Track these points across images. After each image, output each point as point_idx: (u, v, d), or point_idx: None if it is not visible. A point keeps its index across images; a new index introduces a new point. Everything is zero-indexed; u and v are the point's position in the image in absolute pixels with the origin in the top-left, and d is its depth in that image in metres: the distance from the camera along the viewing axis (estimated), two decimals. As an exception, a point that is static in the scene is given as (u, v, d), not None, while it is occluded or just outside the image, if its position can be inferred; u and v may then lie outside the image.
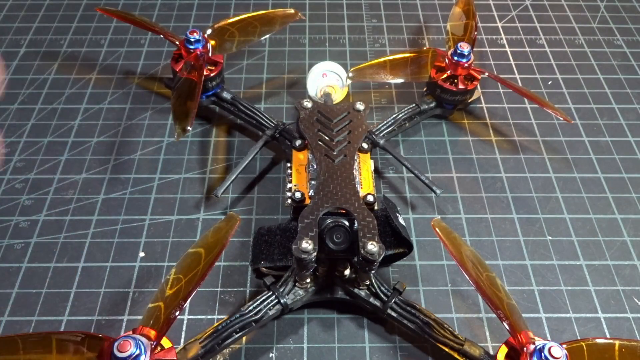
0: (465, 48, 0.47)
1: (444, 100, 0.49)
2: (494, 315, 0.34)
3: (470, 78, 0.48)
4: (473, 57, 0.47)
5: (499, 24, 0.61)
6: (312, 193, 0.37)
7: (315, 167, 0.38)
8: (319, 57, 0.56)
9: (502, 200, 0.45)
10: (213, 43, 0.48)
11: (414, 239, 0.42)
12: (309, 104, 0.42)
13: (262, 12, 0.52)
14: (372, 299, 0.36)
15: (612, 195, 0.45)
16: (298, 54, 0.57)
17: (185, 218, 0.43)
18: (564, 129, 0.50)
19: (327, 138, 0.39)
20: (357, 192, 0.36)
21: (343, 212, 0.35)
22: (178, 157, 0.47)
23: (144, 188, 0.45)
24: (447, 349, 0.34)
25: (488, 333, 0.37)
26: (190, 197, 0.44)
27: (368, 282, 0.36)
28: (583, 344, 0.31)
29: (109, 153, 0.47)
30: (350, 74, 0.48)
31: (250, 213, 0.43)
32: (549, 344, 0.29)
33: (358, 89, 0.53)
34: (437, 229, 0.34)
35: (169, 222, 0.43)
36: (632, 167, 0.47)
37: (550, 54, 0.58)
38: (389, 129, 0.46)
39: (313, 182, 0.38)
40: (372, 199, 0.37)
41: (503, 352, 0.31)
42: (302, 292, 0.36)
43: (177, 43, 0.47)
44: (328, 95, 0.47)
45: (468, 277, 0.32)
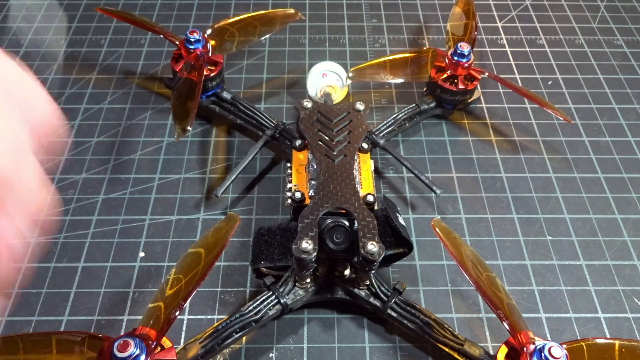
0: (465, 48, 0.47)
1: (444, 100, 0.49)
2: (494, 315, 0.34)
3: (470, 78, 0.48)
4: (473, 57, 0.47)
5: (499, 24, 0.61)
6: (312, 193, 0.37)
7: (315, 167, 0.38)
8: (319, 57, 0.56)
9: (502, 200, 0.45)
10: (213, 43, 0.48)
11: (414, 239, 0.42)
12: (309, 104, 0.42)
13: (262, 12, 0.52)
14: (372, 299, 0.36)
15: (612, 195, 0.45)
16: (298, 54, 0.57)
17: (185, 218, 0.43)
18: (564, 129, 0.50)
19: (327, 138, 0.39)
20: (357, 192, 0.36)
21: (343, 212, 0.35)
22: (178, 157, 0.47)
23: (144, 188, 0.45)
24: (447, 349, 0.34)
25: (488, 333, 0.37)
26: (190, 197, 0.44)
27: (368, 282, 0.36)
28: (583, 344, 0.31)
29: (109, 153, 0.47)
30: (350, 74, 0.48)
31: (250, 213, 0.43)
32: (549, 344, 0.29)
33: (358, 89, 0.53)
34: (437, 229, 0.34)
35: (169, 222, 0.43)
36: (632, 167, 0.47)
37: (550, 54, 0.58)
38: (389, 129, 0.46)
39: (313, 182, 0.38)
40: (372, 199, 0.37)
41: (503, 352, 0.31)
42: (302, 292, 0.36)
43: (177, 43, 0.47)
44: (328, 95, 0.47)
45: (468, 277, 0.32)
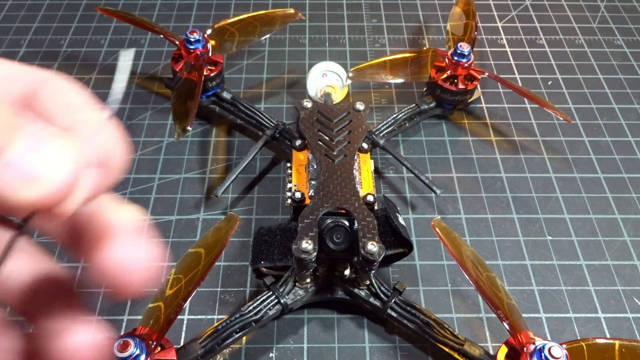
0: (465, 48, 0.47)
1: (444, 100, 0.49)
2: (494, 315, 0.34)
3: (470, 78, 0.48)
4: (473, 57, 0.47)
5: (499, 24, 0.61)
6: (312, 193, 0.37)
7: (315, 167, 0.38)
8: (319, 57, 0.56)
9: (502, 200, 0.45)
10: (213, 43, 0.48)
11: (414, 239, 0.42)
12: (309, 104, 0.42)
13: (262, 12, 0.52)
14: (372, 299, 0.36)
15: (612, 195, 0.45)
16: (298, 54, 0.57)
17: (185, 218, 0.43)
18: (564, 129, 0.50)
19: (327, 138, 0.39)
20: (357, 192, 0.36)
21: (343, 212, 0.35)
22: (178, 157, 0.47)
23: (144, 188, 0.45)
24: (447, 349, 0.34)
25: (488, 333, 0.37)
26: (190, 197, 0.44)
27: (368, 282, 0.36)
28: (583, 344, 0.31)
29: (109, 153, 0.47)
30: (350, 74, 0.48)
31: (250, 213, 0.43)
32: (549, 344, 0.29)
33: (358, 89, 0.53)
34: (437, 229, 0.34)
35: (169, 222, 0.43)
36: (632, 167, 0.47)
37: (550, 54, 0.58)
38: (389, 129, 0.46)
39: (313, 182, 0.38)
40: (372, 199, 0.37)
41: (503, 352, 0.31)
42: (302, 292, 0.36)
43: (177, 43, 0.47)
44: (328, 95, 0.47)
45: (468, 277, 0.32)
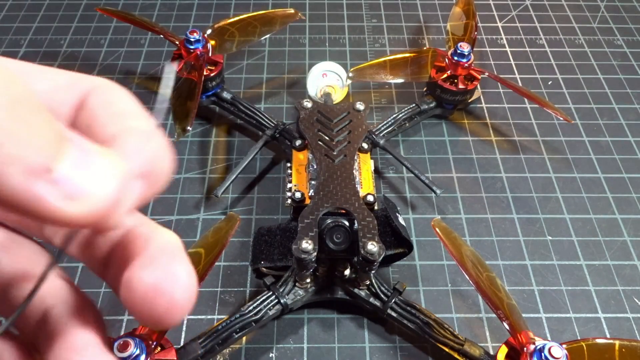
0: (465, 48, 0.47)
1: (444, 100, 0.49)
2: (494, 315, 0.34)
3: (470, 78, 0.48)
4: (473, 57, 0.47)
5: (499, 24, 0.61)
6: (312, 193, 0.37)
7: (315, 167, 0.38)
8: (319, 57, 0.56)
9: (502, 200, 0.45)
10: (213, 43, 0.48)
11: (414, 239, 0.42)
12: (309, 104, 0.42)
13: (262, 12, 0.52)
14: (372, 299, 0.36)
15: (612, 195, 0.45)
16: (298, 54, 0.57)
17: (185, 218, 0.43)
18: (564, 129, 0.50)
19: (327, 138, 0.39)
20: (357, 192, 0.36)
21: (343, 212, 0.35)
22: (178, 157, 0.47)
23: (144, 188, 0.45)
24: (447, 349, 0.34)
25: (488, 333, 0.37)
26: (190, 197, 0.44)
27: (368, 282, 0.36)
28: (583, 344, 0.31)
29: (109, 153, 0.47)
30: (350, 74, 0.48)
31: (250, 213, 0.43)
32: (549, 344, 0.29)
33: (358, 89, 0.53)
34: (437, 229, 0.34)
35: (169, 222, 0.43)
36: (632, 167, 0.47)
37: (550, 54, 0.58)
38: (389, 129, 0.46)
39: (313, 182, 0.38)
40: (372, 199, 0.37)
41: (503, 352, 0.31)
42: (302, 292, 0.36)
43: (177, 43, 0.47)
44: (328, 95, 0.47)
45: (468, 277, 0.32)
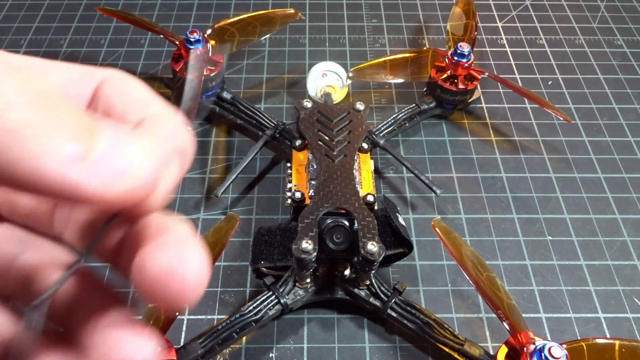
0: (465, 48, 0.47)
1: (444, 100, 0.49)
2: (494, 315, 0.34)
3: (470, 78, 0.48)
4: (473, 57, 0.47)
5: (499, 24, 0.61)
6: (312, 193, 0.37)
7: (315, 167, 0.38)
8: (319, 57, 0.56)
9: (502, 200, 0.45)
10: (213, 43, 0.48)
11: (414, 239, 0.42)
12: (309, 104, 0.42)
13: (262, 12, 0.52)
14: (372, 299, 0.36)
15: (612, 195, 0.45)
16: (298, 54, 0.57)
17: (185, 218, 0.43)
18: (564, 129, 0.50)
19: (327, 138, 0.39)
20: (357, 192, 0.36)
21: (343, 212, 0.35)
22: (178, 157, 0.47)
23: (144, 188, 0.45)
24: (447, 349, 0.34)
25: (488, 333, 0.37)
26: (190, 197, 0.44)
27: (368, 282, 0.36)
28: (583, 344, 0.31)
29: (109, 153, 0.47)
30: (350, 74, 0.48)
31: (250, 213, 0.43)
32: (549, 344, 0.29)
33: (358, 89, 0.53)
34: (437, 229, 0.34)
35: (169, 222, 0.43)
36: (632, 167, 0.47)
37: (550, 54, 0.58)
38: (389, 129, 0.46)
39: (313, 182, 0.38)
40: (372, 199, 0.37)
41: (503, 352, 0.31)
42: (302, 292, 0.36)
43: (177, 43, 0.47)
44: (328, 95, 0.47)
45: (468, 277, 0.32)
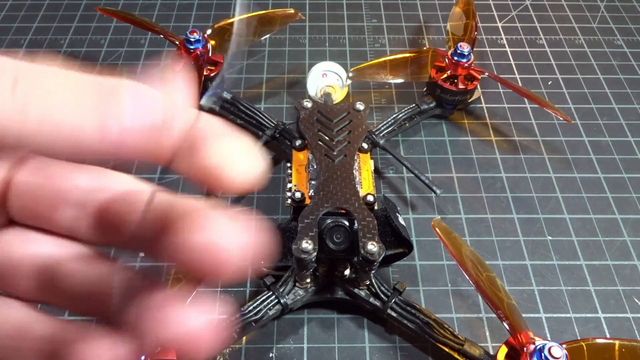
0: (465, 48, 0.47)
1: (444, 100, 0.49)
2: (494, 315, 0.34)
3: (470, 78, 0.48)
4: (473, 57, 0.47)
5: (499, 24, 0.61)
6: (312, 193, 0.37)
7: (315, 167, 0.38)
8: (319, 57, 0.56)
9: (502, 200, 0.45)
10: (213, 43, 0.48)
11: (414, 239, 0.42)
12: (309, 104, 0.42)
13: (262, 12, 0.52)
14: (372, 299, 0.36)
15: (612, 195, 0.45)
16: (298, 54, 0.57)
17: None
18: (564, 129, 0.50)
19: (327, 138, 0.39)
20: (357, 192, 0.36)
21: (343, 212, 0.35)
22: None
23: (144, 188, 0.45)
24: (447, 349, 0.34)
25: (488, 333, 0.37)
26: (190, 197, 0.44)
27: (368, 282, 0.36)
28: (583, 344, 0.31)
29: (109, 153, 0.47)
30: (350, 74, 0.48)
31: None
32: (549, 344, 0.29)
33: (358, 89, 0.53)
34: (437, 229, 0.34)
35: (169, 222, 0.43)
36: (632, 167, 0.47)
37: (550, 54, 0.58)
38: (389, 129, 0.46)
39: (313, 182, 0.38)
40: (372, 199, 0.37)
41: (503, 352, 0.31)
42: (302, 292, 0.36)
43: (177, 43, 0.47)
44: (328, 95, 0.47)
45: (468, 277, 0.32)
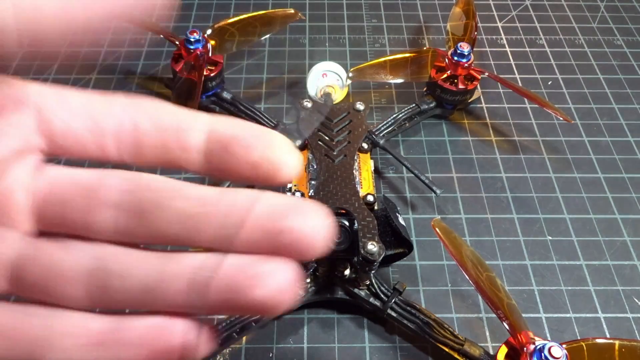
0: (465, 48, 0.47)
1: (444, 100, 0.49)
2: (494, 315, 0.34)
3: (470, 78, 0.48)
4: (473, 57, 0.47)
5: (499, 24, 0.61)
6: (312, 193, 0.37)
7: (315, 167, 0.38)
8: (319, 57, 0.56)
9: (502, 200, 0.45)
10: (213, 43, 0.48)
11: (414, 239, 0.42)
12: (309, 104, 0.42)
13: (262, 12, 0.52)
14: (372, 299, 0.36)
15: (612, 195, 0.45)
16: (298, 54, 0.57)
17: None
18: (564, 129, 0.50)
19: (327, 138, 0.39)
20: (357, 192, 0.36)
21: (343, 212, 0.35)
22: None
23: (144, 188, 0.45)
24: (447, 349, 0.34)
25: (488, 333, 0.37)
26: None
27: (368, 282, 0.36)
28: (583, 344, 0.31)
29: (109, 153, 0.47)
30: (350, 74, 0.48)
31: (250, 213, 0.43)
32: (549, 344, 0.29)
33: (358, 89, 0.53)
34: (437, 229, 0.34)
35: (169, 222, 0.43)
36: (632, 167, 0.47)
37: (550, 54, 0.58)
38: (389, 129, 0.46)
39: (313, 182, 0.38)
40: (372, 199, 0.37)
41: (503, 352, 0.31)
42: (302, 292, 0.36)
43: (177, 43, 0.47)
44: (328, 95, 0.47)
45: (468, 277, 0.32)
